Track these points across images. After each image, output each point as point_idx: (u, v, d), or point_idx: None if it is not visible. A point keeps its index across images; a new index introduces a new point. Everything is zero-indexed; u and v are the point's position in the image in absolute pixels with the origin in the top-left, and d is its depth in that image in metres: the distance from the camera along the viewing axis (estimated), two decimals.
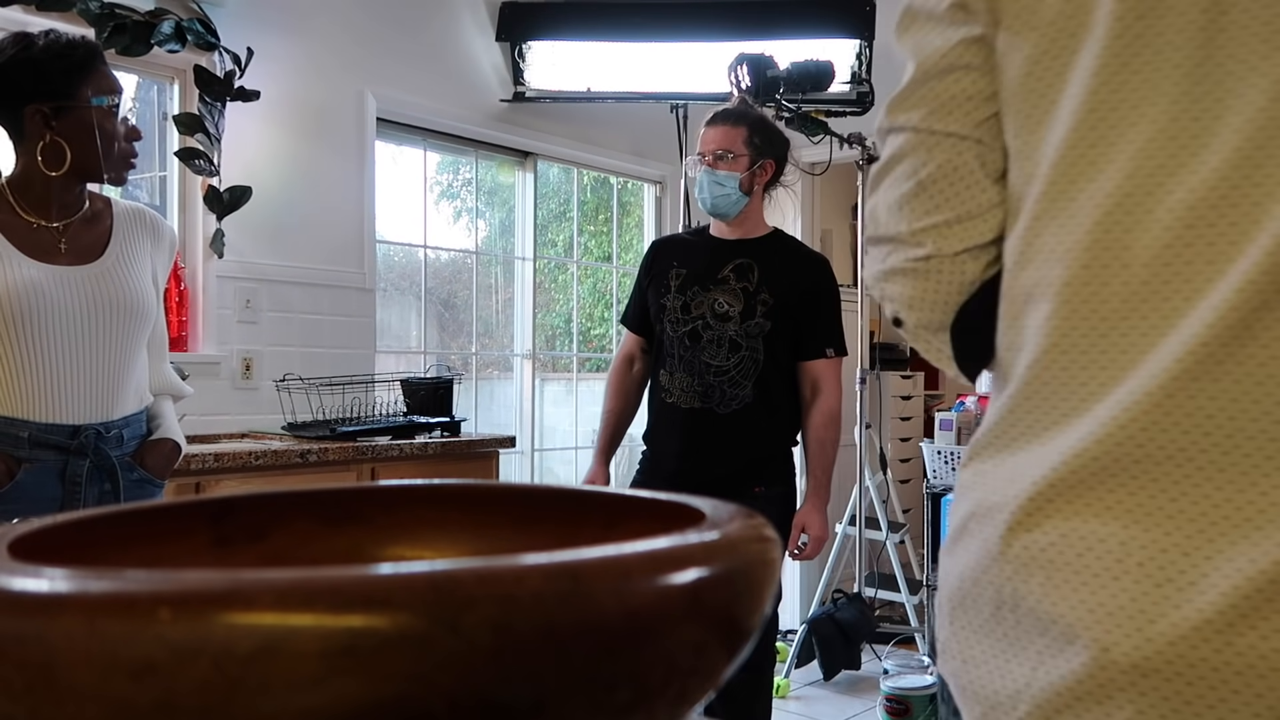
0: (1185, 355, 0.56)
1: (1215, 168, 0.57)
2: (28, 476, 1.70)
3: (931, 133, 0.72)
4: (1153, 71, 0.60)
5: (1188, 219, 0.58)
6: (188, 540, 0.44)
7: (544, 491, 0.47)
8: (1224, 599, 0.54)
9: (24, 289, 1.69)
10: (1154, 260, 0.59)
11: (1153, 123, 0.60)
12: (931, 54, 0.72)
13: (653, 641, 0.28)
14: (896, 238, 0.75)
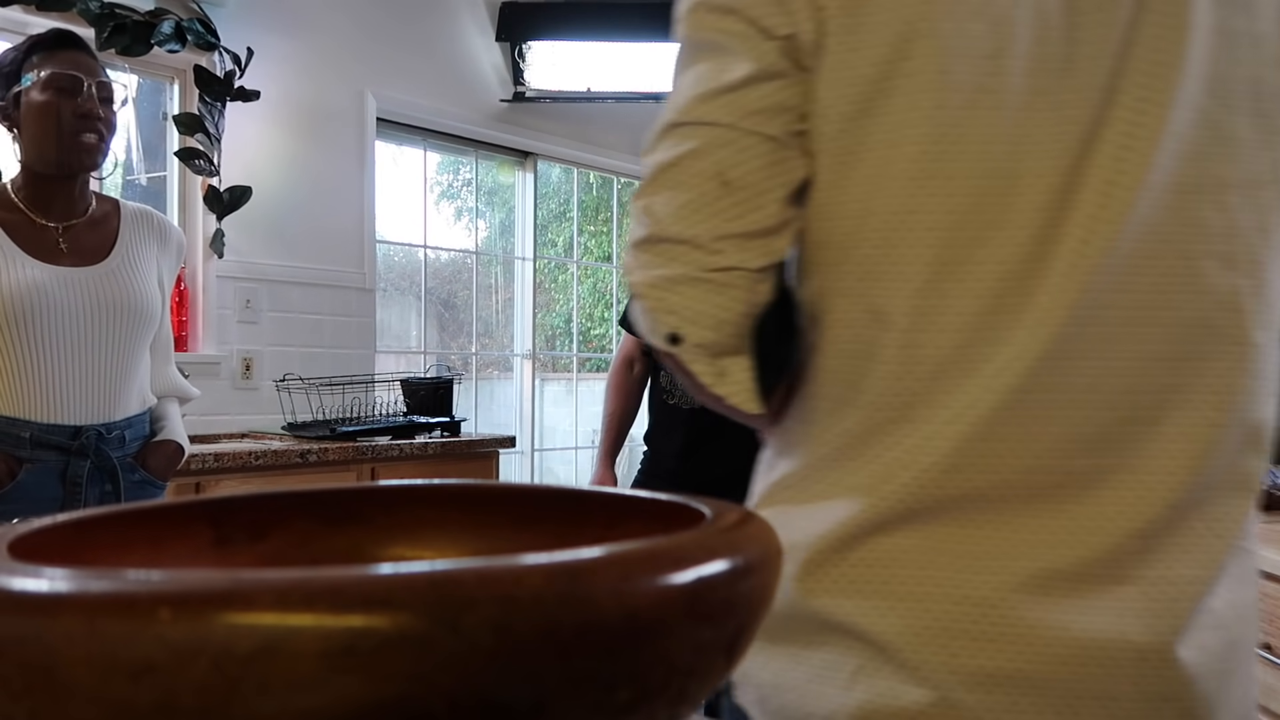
0: (974, 417, 0.64)
1: (1012, 252, 0.63)
2: (29, 477, 1.70)
3: (749, 132, 0.65)
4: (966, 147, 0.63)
5: (994, 293, 0.63)
6: (188, 540, 0.44)
7: (544, 491, 0.47)
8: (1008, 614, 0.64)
9: (27, 289, 1.69)
10: (965, 327, 0.64)
11: (967, 196, 0.63)
12: (750, 51, 0.65)
13: (653, 641, 0.28)
14: (690, 241, 0.65)
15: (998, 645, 0.63)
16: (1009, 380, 0.63)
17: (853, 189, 0.66)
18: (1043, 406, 0.64)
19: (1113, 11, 0.63)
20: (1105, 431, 0.64)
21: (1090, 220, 0.63)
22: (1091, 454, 0.64)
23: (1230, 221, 0.65)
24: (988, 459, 0.64)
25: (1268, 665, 1.42)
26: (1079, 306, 0.63)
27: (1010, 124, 0.63)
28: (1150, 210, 0.64)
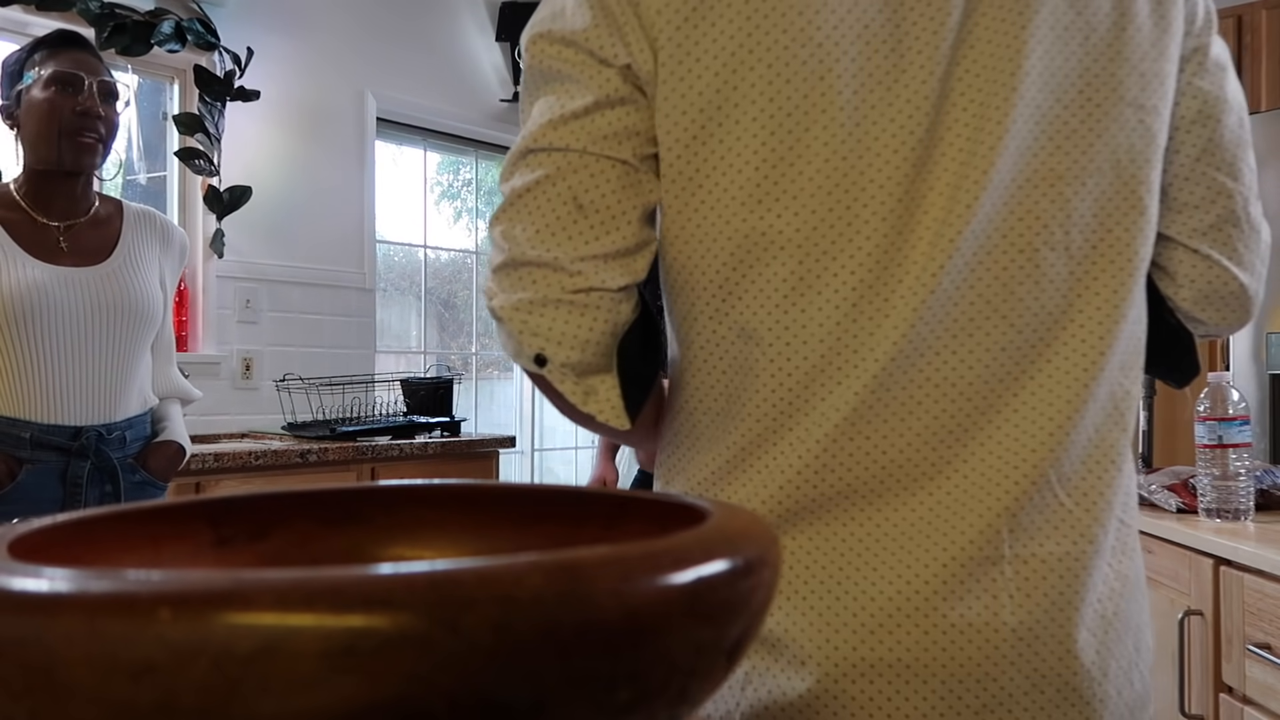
0: (839, 418, 0.68)
1: (862, 262, 0.67)
2: (29, 477, 1.70)
3: (599, 156, 0.68)
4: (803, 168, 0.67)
5: (850, 301, 0.67)
6: (188, 540, 0.44)
7: (544, 491, 0.47)
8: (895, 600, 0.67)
9: (28, 289, 1.69)
10: (827, 336, 0.67)
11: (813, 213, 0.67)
12: (592, 79, 0.68)
13: (653, 641, 0.28)
14: (550, 264, 0.67)
15: (878, 635, 0.66)
16: (867, 380, 0.67)
17: (698, 212, 0.68)
18: (901, 402, 0.67)
19: (939, 19, 0.66)
20: (963, 421, 0.68)
21: (938, 223, 0.66)
22: (953, 443, 0.68)
23: (1066, 211, 0.69)
24: (854, 456, 0.68)
25: (1268, 665, 1.42)
26: (930, 306, 0.67)
27: (845, 139, 0.66)
28: (993, 207, 0.67)
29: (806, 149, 0.66)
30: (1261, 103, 2.88)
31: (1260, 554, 1.43)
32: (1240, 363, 2.66)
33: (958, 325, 0.68)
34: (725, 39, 0.66)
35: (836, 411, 0.67)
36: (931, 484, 0.68)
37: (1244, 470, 1.67)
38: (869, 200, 0.66)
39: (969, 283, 0.68)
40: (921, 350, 0.67)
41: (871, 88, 0.66)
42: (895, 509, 0.68)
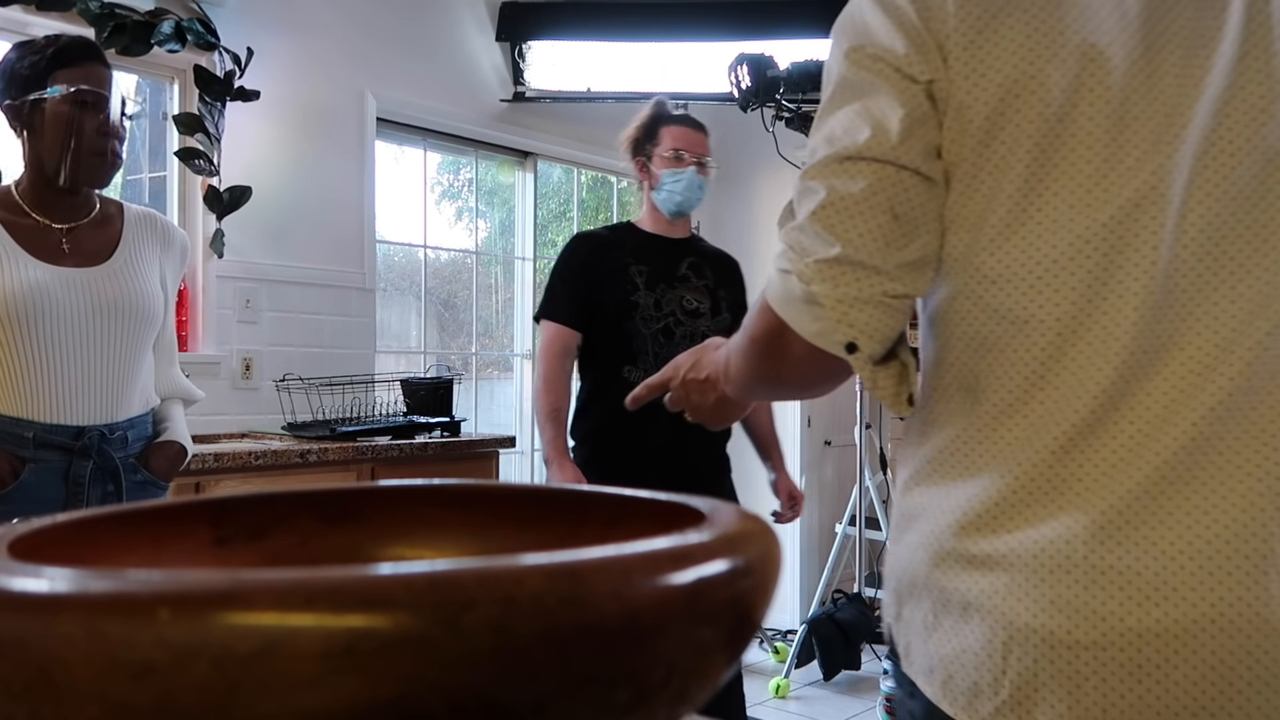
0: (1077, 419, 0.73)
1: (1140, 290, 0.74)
2: (31, 476, 1.70)
3: (913, 172, 0.76)
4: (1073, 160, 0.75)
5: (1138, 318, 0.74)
6: (188, 540, 0.44)
7: (544, 491, 0.47)
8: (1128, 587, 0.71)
9: (30, 290, 1.69)
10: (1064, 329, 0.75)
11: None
12: (903, 94, 0.76)
13: (653, 641, 0.28)
14: (876, 268, 0.76)
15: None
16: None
17: (971, 209, 0.77)
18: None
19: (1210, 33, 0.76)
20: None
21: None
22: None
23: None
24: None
25: None
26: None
27: (1101, 151, 0.75)
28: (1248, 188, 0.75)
29: (1052, 174, 0.74)
30: None
31: None
32: None
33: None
34: (1008, 64, 0.75)
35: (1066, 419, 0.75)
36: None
37: None
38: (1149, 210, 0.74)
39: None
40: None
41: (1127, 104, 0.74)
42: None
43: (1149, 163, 0.73)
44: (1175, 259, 0.73)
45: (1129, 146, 0.73)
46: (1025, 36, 0.74)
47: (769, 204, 4.78)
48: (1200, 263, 0.73)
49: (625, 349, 2.37)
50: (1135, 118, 0.73)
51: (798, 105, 3.48)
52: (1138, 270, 0.73)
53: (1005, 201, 0.75)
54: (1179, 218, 0.72)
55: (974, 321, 0.78)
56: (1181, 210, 0.72)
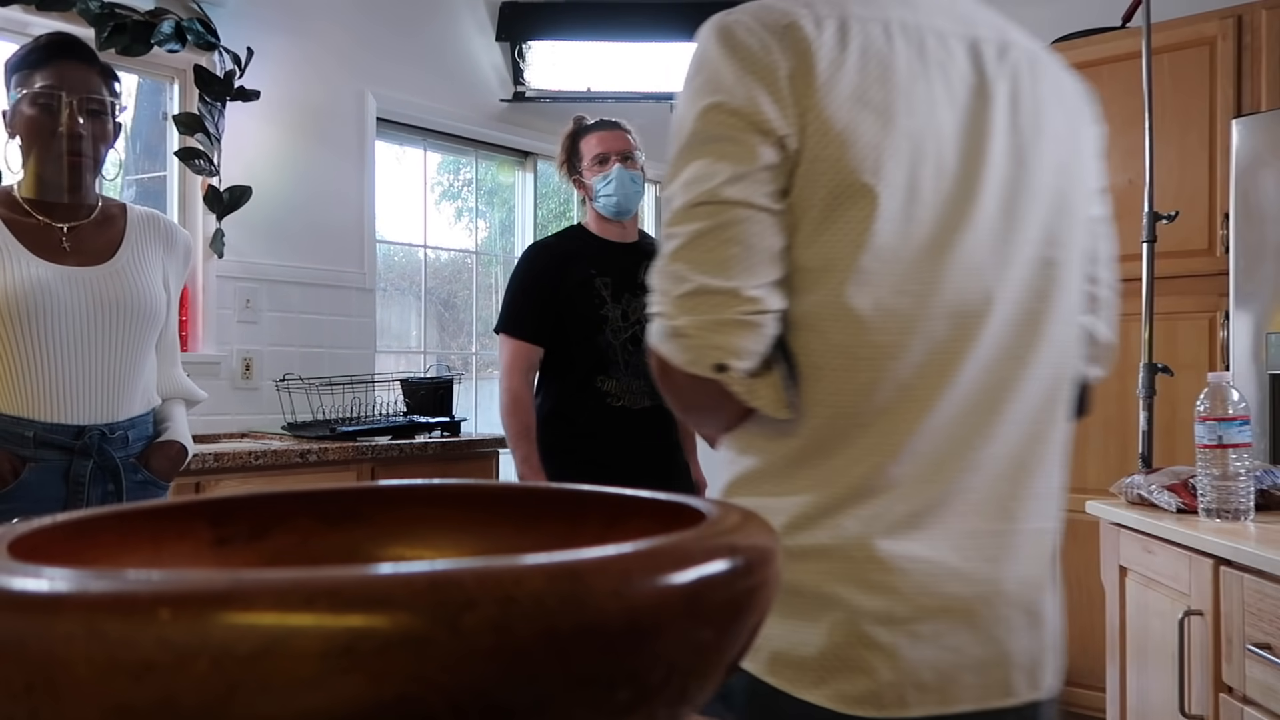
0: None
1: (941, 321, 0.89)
2: (32, 476, 1.70)
3: (761, 209, 0.86)
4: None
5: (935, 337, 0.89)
6: (188, 540, 0.44)
7: (544, 491, 0.47)
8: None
9: (31, 288, 1.69)
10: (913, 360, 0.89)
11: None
12: (755, 146, 0.86)
13: (653, 641, 0.28)
14: (731, 291, 0.84)
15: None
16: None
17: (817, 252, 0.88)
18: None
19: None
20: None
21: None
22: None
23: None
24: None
25: (1268, 665, 1.42)
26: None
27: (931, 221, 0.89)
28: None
29: (895, 242, 0.87)
30: (1262, 103, 2.88)
31: (1260, 554, 1.43)
32: (1240, 363, 2.66)
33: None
34: (855, 145, 0.86)
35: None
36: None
37: (1244, 470, 1.67)
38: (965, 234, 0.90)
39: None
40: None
41: (943, 173, 0.89)
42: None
43: (959, 232, 0.88)
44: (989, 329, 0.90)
45: (941, 218, 0.88)
46: (875, 113, 0.87)
47: None
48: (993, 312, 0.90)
49: (598, 360, 2.37)
50: (943, 195, 0.88)
51: None
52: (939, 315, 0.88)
53: (846, 252, 0.86)
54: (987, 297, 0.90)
55: (814, 350, 0.88)
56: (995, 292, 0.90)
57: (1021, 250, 0.92)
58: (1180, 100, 3.04)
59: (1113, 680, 2.03)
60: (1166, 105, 3.01)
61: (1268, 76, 2.89)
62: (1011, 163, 0.92)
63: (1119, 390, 3.13)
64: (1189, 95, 3.03)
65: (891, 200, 0.86)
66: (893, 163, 0.87)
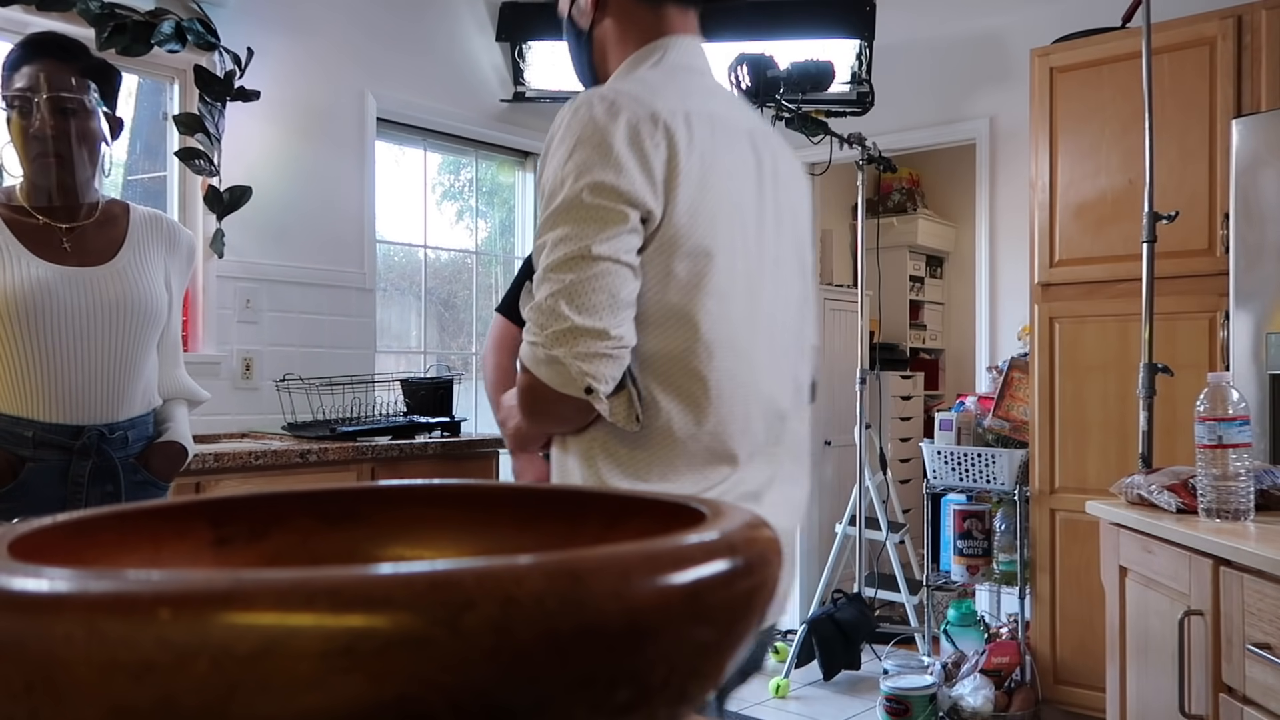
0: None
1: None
2: (31, 476, 1.70)
3: (625, 265, 1.10)
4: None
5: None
6: (188, 540, 0.44)
7: (544, 491, 0.47)
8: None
9: (31, 288, 1.69)
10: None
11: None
12: (626, 214, 1.09)
13: (653, 641, 0.28)
14: (601, 333, 1.08)
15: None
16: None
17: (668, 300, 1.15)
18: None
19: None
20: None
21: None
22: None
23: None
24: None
25: (1268, 665, 1.42)
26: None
27: (747, 269, 1.21)
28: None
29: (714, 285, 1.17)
30: (1261, 103, 2.88)
31: (1260, 554, 1.43)
32: (1240, 363, 2.66)
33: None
34: (699, 227, 1.15)
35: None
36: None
37: (1244, 470, 1.67)
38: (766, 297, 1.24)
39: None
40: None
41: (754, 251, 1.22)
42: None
43: (762, 277, 1.22)
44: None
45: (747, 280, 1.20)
46: (710, 191, 1.15)
47: None
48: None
49: None
50: (749, 250, 1.20)
51: (798, 105, 3.48)
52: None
53: (692, 299, 1.14)
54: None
55: (664, 372, 1.16)
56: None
57: (791, 286, 1.27)
58: (1180, 100, 3.04)
59: (1113, 680, 2.03)
60: (1166, 105, 3.01)
61: (1268, 76, 2.89)
62: (776, 223, 1.25)
63: (1119, 390, 3.13)
64: (1189, 95, 3.03)
65: (723, 257, 1.15)
66: (723, 228, 1.15)
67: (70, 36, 1.82)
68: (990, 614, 3.84)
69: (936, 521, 3.64)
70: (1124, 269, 3.03)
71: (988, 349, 4.16)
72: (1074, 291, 3.26)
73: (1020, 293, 3.86)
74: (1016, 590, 3.34)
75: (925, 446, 3.64)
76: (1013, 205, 4.07)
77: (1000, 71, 4.12)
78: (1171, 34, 3.02)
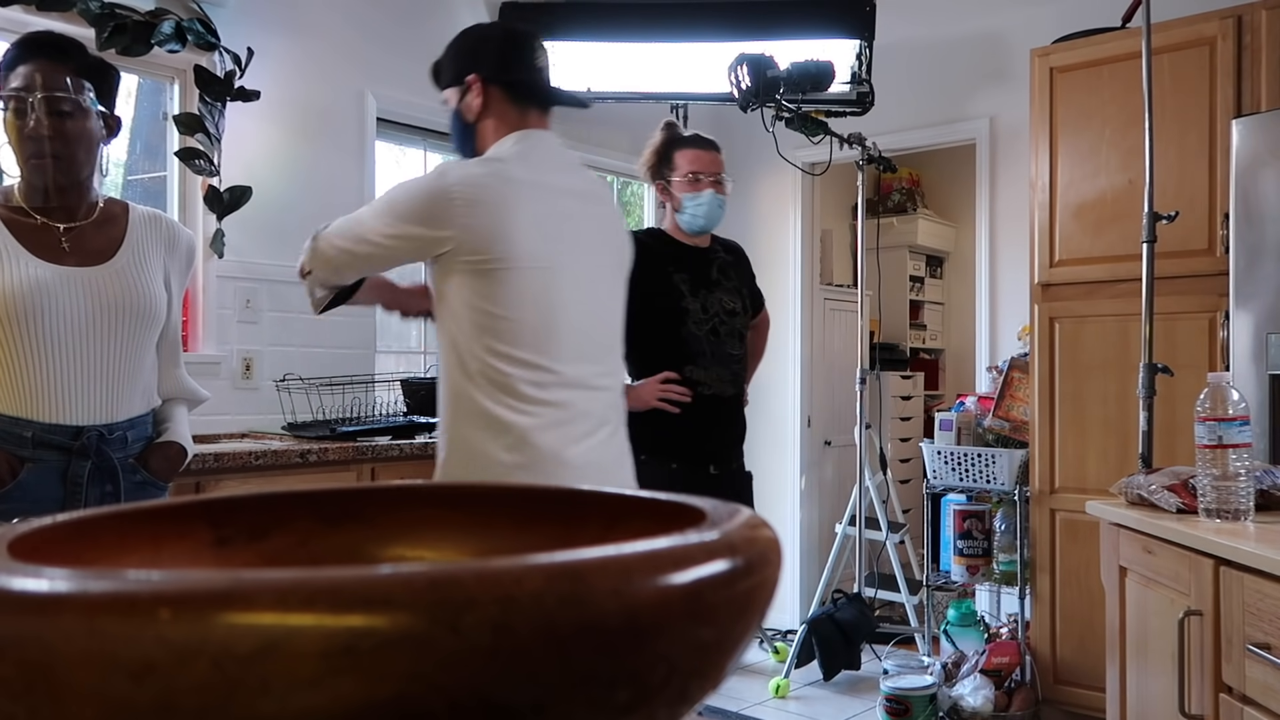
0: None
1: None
2: (30, 476, 1.70)
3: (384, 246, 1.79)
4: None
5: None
6: (188, 540, 0.44)
7: (544, 491, 0.47)
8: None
9: (30, 288, 1.69)
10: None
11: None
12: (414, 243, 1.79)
13: (653, 641, 0.28)
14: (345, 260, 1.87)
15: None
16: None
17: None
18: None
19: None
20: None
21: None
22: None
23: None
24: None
25: (1268, 665, 1.42)
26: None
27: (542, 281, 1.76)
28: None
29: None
30: (1261, 103, 2.88)
31: (1260, 554, 1.43)
32: (1240, 363, 2.66)
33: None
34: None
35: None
36: None
37: (1244, 470, 1.67)
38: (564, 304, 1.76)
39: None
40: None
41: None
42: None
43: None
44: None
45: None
46: (522, 230, 1.69)
47: (770, 203, 4.78)
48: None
49: (684, 351, 2.52)
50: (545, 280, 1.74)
51: (798, 105, 3.48)
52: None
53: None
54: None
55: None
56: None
57: (610, 286, 1.86)
58: (1180, 100, 3.04)
59: (1113, 680, 2.03)
60: (1166, 105, 3.01)
61: (1268, 76, 2.89)
62: (590, 249, 1.76)
63: (1119, 390, 3.13)
64: (1189, 95, 3.03)
65: (527, 267, 1.72)
66: (523, 250, 1.69)
67: (66, 36, 1.82)
68: (990, 614, 3.84)
69: (936, 521, 3.64)
70: (1124, 269, 3.03)
71: (988, 349, 4.16)
72: (1074, 291, 3.26)
73: (1020, 293, 3.86)
74: (1016, 590, 3.34)
75: (925, 446, 3.64)
76: (1013, 205, 4.07)
77: (1000, 71, 4.13)
78: (1171, 34, 3.02)
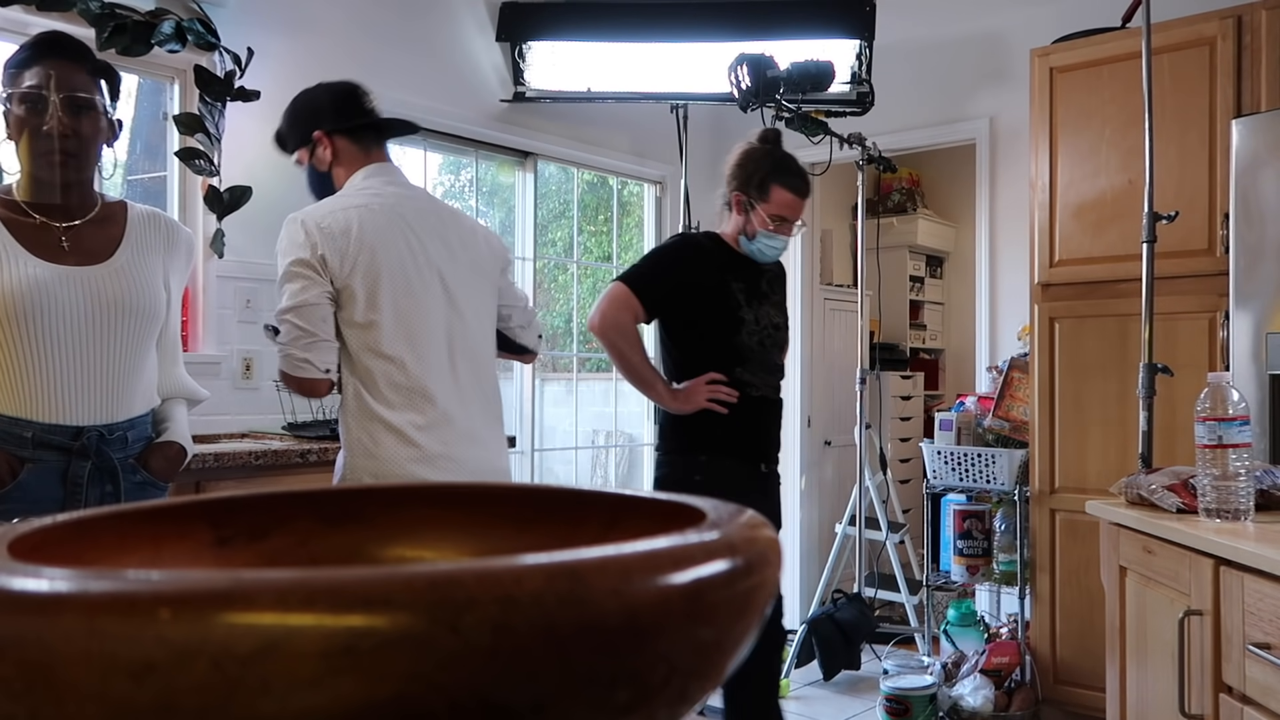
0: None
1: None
2: (30, 476, 1.70)
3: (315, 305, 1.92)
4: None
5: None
6: (188, 540, 0.44)
7: (544, 491, 0.47)
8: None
9: (29, 287, 1.69)
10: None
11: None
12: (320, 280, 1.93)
13: (653, 641, 0.28)
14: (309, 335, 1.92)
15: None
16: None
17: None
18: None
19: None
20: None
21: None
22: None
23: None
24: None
25: (1268, 665, 1.42)
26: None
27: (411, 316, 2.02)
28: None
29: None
30: (1261, 103, 2.88)
31: (1260, 554, 1.43)
32: (1240, 363, 2.66)
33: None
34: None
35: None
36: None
37: (1244, 470, 1.67)
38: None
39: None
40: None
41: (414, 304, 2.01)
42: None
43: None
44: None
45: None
46: (379, 254, 1.94)
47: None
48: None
49: (737, 357, 2.56)
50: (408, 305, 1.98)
51: (798, 105, 3.48)
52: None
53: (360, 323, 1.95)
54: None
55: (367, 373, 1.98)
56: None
57: (478, 292, 2.12)
58: (1180, 100, 3.04)
59: (1113, 680, 2.03)
60: (1166, 105, 3.01)
61: (1268, 76, 2.89)
62: (451, 259, 2.03)
63: (1119, 390, 3.13)
64: (1189, 95, 3.03)
65: (386, 285, 1.95)
66: (384, 271, 1.93)
67: (76, 38, 1.82)
68: (990, 614, 3.84)
69: (936, 521, 3.64)
70: (1124, 269, 3.03)
71: (988, 349, 4.16)
72: (1074, 291, 3.26)
73: (1020, 293, 3.86)
74: (1016, 590, 3.34)
75: (925, 446, 3.64)
76: (1013, 205, 4.07)
77: (1000, 72, 4.12)
78: (1171, 34, 3.02)
